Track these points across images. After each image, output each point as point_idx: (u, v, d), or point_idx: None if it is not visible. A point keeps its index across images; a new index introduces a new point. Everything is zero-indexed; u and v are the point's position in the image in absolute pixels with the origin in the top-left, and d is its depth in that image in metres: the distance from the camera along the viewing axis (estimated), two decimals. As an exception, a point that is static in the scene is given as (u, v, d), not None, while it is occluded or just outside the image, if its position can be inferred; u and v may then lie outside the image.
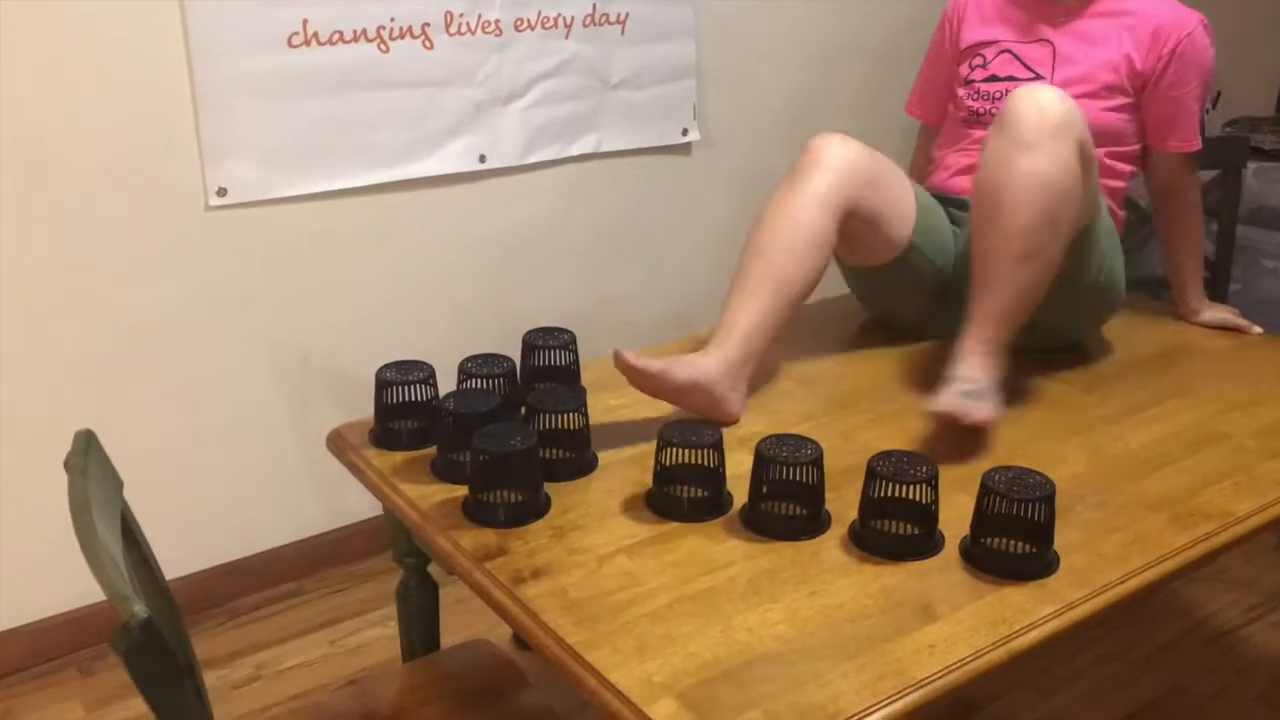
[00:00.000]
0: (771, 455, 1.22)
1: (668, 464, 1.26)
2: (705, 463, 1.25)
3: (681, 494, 1.26)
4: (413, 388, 1.40)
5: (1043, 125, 1.42)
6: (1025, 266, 1.44)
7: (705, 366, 1.44)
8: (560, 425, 1.34)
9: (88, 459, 1.07)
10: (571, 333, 1.52)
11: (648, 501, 1.29)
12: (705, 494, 1.26)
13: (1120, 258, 1.70)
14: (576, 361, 1.53)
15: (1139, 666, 2.06)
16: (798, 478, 1.22)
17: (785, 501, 1.23)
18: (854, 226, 1.60)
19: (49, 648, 2.00)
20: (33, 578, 1.94)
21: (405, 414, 1.41)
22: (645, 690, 0.98)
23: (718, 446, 1.26)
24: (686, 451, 1.25)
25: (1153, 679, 2.02)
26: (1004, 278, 1.45)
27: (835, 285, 1.83)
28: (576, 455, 1.35)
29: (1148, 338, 1.80)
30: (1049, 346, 1.69)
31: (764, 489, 1.23)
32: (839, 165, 1.56)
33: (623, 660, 1.02)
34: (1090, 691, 1.99)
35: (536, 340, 1.51)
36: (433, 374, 1.42)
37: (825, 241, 1.54)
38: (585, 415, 1.34)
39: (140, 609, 0.86)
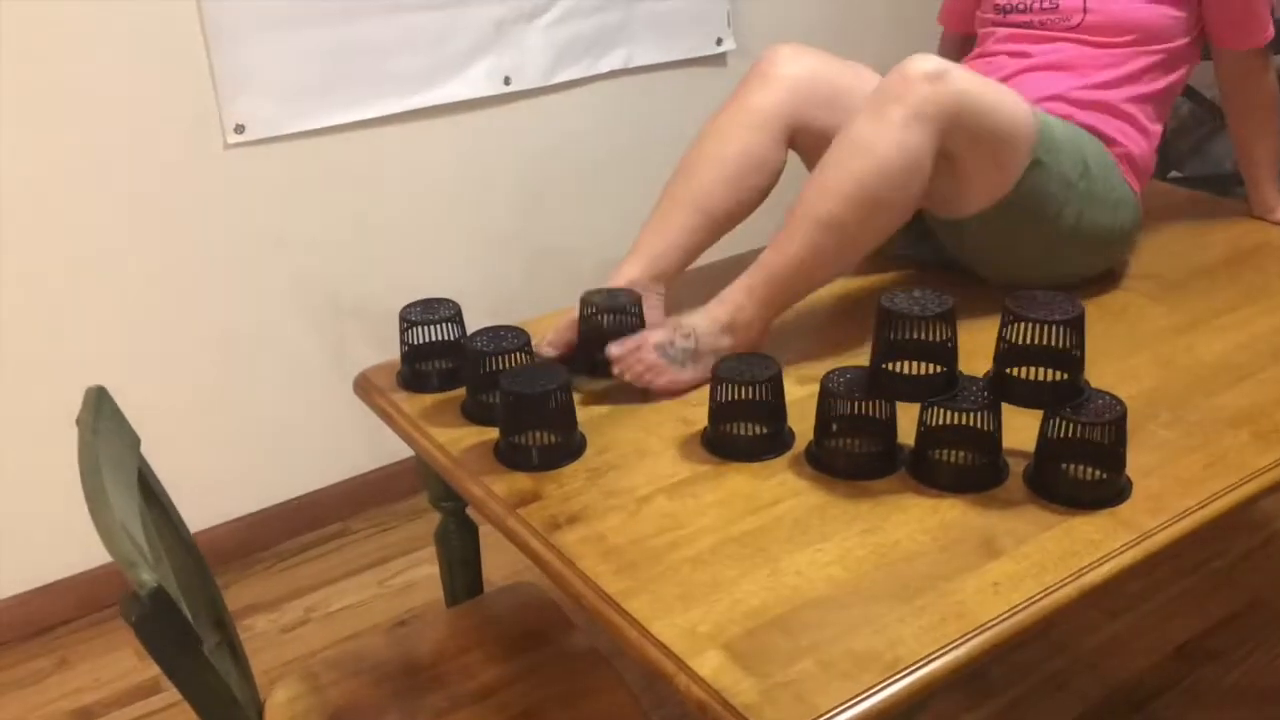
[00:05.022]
0: (833, 389, 1.14)
1: (724, 400, 1.19)
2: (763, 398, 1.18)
3: (739, 431, 1.19)
4: (438, 327, 1.34)
5: (904, 100, 1.28)
6: (825, 233, 1.30)
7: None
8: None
9: (98, 417, 1.03)
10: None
11: (702, 440, 1.22)
12: (764, 431, 1.19)
13: (1117, 202, 1.53)
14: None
15: (1214, 581, 1.98)
16: (863, 411, 1.14)
17: (851, 438, 1.15)
18: (809, 144, 1.47)
19: (101, 597, 2.00)
20: (80, 528, 1.93)
21: (432, 354, 1.35)
22: (689, 642, 0.92)
23: (775, 381, 1.19)
24: (741, 388, 1.18)
25: (1229, 593, 1.95)
26: (799, 233, 1.31)
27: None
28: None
29: (1219, 239, 1.69)
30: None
31: (832, 426, 1.15)
32: (788, 79, 1.44)
33: (665, 609, 0.96)
34: (1163, 608, 1.91)
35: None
36: (459, 312, 1.35)
37: (763, 162, 1.42)
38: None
39: (149, 577, 0.82)
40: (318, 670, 1.30)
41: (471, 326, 1.34)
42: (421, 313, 1.35)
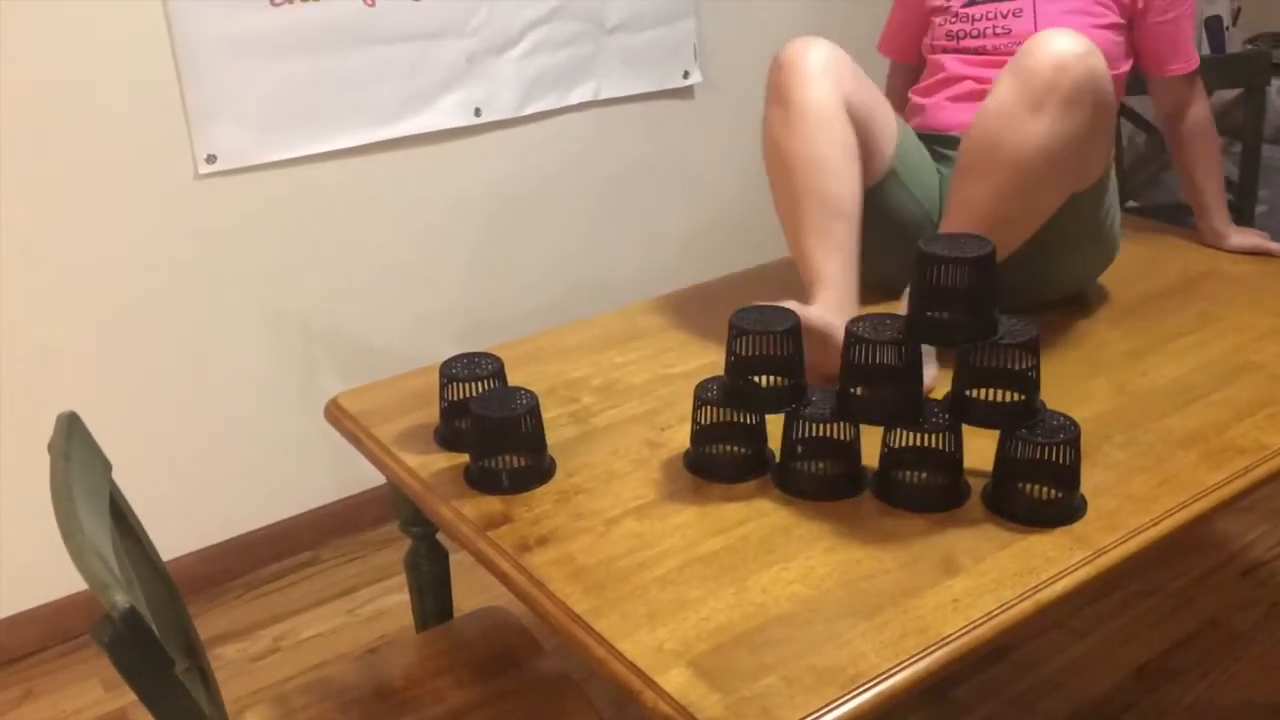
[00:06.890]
0: (799, 412, 1.17)
1: (706, 423, 1.22)
2: (746, 420, 1.21)
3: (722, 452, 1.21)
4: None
5: (1058, 85, 1.30)
6: (994, 231, 1.31)
7: (828, 319, 1.31)
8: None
9: (70, 443, 1.04)
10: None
11: (687, 462, 1.24)
12: (748, 453, 1.21)
13: (1118, 208, 1.62)
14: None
15: (1173, 602, 2.01)
16: (828, 434, 1.17)
17: (816, 460, 1.17)
18: (854, 121, 1.49)
19: (66, 628, 1.99)
20: (46, 558, 1.92)
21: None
22: (656, 659, 0.94)
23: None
24: (728, 410, 1.20)
25: (1187, 614, 1.98)
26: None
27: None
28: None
29: (1171, 266, 1.73)
30: (1049, 300, 1.61)
31: (798, 449, 1.18)
32: (828, 65, 1.47)
33: (632, 628, 0.98)
34: (1124, 629, 1.95)
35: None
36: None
37: (855, 150, 1.45)
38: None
39: (122, 599, 0.83)
40: (289, 695, 1.30)
41: (442, 353, 1.35)
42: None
